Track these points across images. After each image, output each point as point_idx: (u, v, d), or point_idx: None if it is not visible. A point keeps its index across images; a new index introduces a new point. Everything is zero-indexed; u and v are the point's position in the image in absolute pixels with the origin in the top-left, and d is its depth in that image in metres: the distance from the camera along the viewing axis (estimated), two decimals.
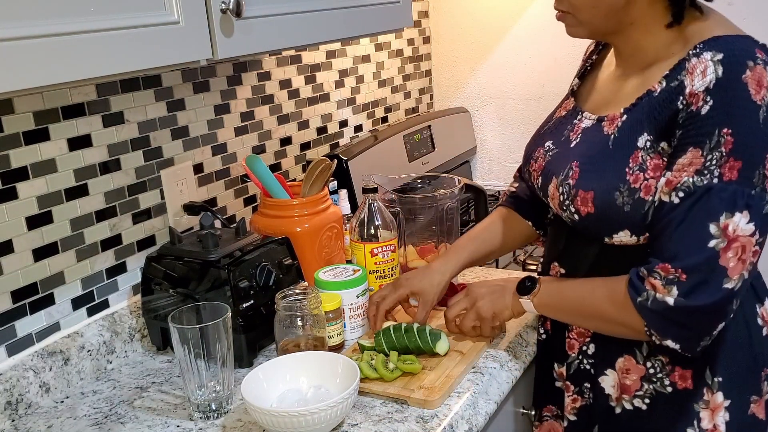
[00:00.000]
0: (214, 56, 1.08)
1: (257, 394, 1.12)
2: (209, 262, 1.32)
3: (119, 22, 0.93)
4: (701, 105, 0.98)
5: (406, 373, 1.22)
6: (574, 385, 1.24)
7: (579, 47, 2.32)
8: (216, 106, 1.61)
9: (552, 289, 1.18)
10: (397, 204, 1.57)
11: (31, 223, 1.25)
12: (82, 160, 1.33)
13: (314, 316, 1.27)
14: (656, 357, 1.12)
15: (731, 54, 0.98)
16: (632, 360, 1.14)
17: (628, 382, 1.15)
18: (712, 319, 1.01)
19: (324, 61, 1.95)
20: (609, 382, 1.18)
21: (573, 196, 1.10)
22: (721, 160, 0.97)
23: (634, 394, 1.15)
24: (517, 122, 2.40)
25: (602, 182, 1.07)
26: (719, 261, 0.97)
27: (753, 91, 0.97)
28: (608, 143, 1.09)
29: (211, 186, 1.62)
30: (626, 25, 1.09)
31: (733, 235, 0.97)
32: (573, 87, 1.28)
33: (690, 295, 0.98)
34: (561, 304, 1.17)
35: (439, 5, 2.41)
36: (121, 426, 1.18)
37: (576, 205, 1.10)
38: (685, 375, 1.10)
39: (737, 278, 0.98)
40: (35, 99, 1.24)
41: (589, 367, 1.20)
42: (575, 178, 1.11)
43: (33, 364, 1.23)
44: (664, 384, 1.12)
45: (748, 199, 0.97)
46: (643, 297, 1.02)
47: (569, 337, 1.23)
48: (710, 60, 0.99)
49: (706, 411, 1.11)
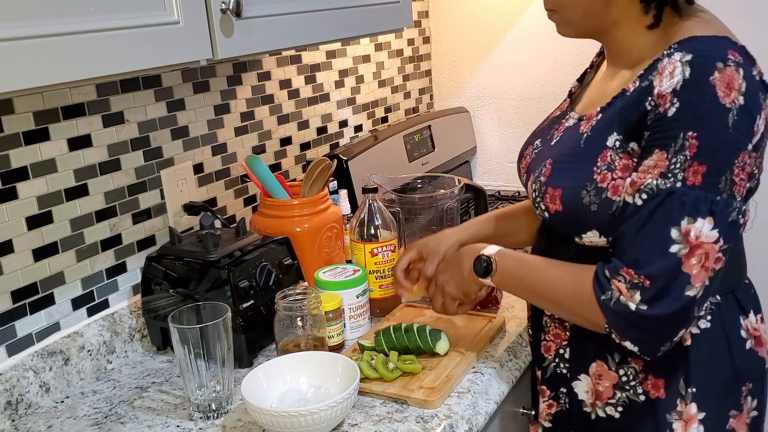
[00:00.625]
0: (214, 56, 1.08)
1: (257, 394, 1.12)
2: (209, 262, 1.32)
3: (119, 22, 0.93)
4: (668, 107, 0.96)
5: (406, 373, 1.22)
6: (550, 390, 1.22)
7: (579, 47, 2.32)
8: (216, 106, 1.61)
9: (510, 271, 1.16)
10: (397, 204, 1.58)
11: (31, 223, 1.25)
12: (82, 160, 1.33)
13: (314, 316, 1.27)
14: (629, 364, 1.09)
15: (700, 55, 0.96)
16: (604, 366, 1.12)
17: (600, 388, 1.13)
18: (673, 327, 1.00)
19: (324, 61, 1.95)
20: (583, 387, 1.16)
21: (543, 194, 1.10)
22: (685, 163, 0.95)
23: (607, 402, 1.12)
24: (517, 122, 2.40)
25: (570, 181, 1.07)
26: (682, 268, 0.96)
27: (722, 93, 0.94)
28: (581, 142, 1.08)
29: (211, 186, 1.62)
30: (608, 25, 1.08)
31: (695, 241, 0.95)
32: (571, 89, 1.28)
33: (652, 303, 0.97)
34: (520, 285, 1.16)
35: (439, 5, 2.41)
36: (121, 426, 1.18)
37: (545, 203, 1.10)
38: (658, 384, 1.08)
39: (699, 286, 0.96)
40: (35, 99, 1.24)
41: (566, 371, 1.18)
42: (546, 175, 1.11)
43: (33, 364, 1.23)
44: (636, 392, 1.10)
45: (712, 205, 0.95)
46: (607, 296, 1.01)
47: (545, 339, 1.21)
48: (678, 61, 0.96)
49: (679, 422, 1.08)
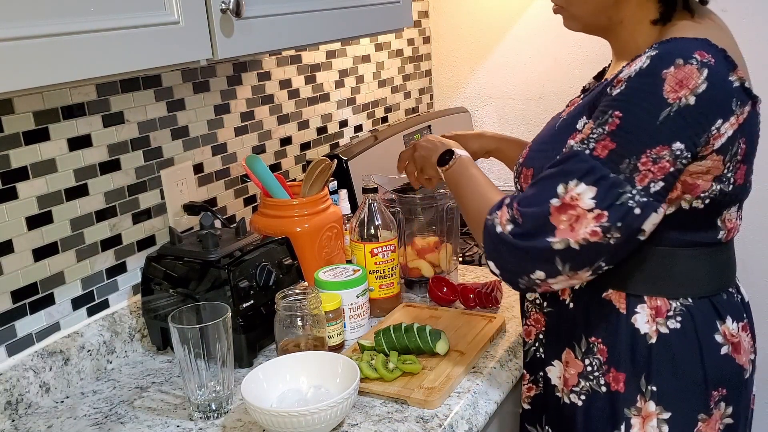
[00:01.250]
0: (214, 56, 1.08)
1: (257, 394, 1.12)
2: (209, 262, 1.32)
3: (119, 22, 0.93)
4: (616, 88, 1.00)
5: (406, 373, 1.22)
6: (530, 374, 1.25)
7: (579, 47, 2.31)
8: (216, 106, 1.61)
9: (459, 173, 1.24)
10: (397, 204, 1.58)
11: (31, 223, 1.25)
12: (82, 160, 1.33)
13: (314, 316, 1.27)
14: (594, 355, 1.11)
15: (665, 51, 0.98)
16: (572, 354, 1.14)
17: (567, 375, 1.15)
18: (526, 261, 1.04)
19: (324, 61, 1.95)
20: (555, 372, 1.18)
21: (519, 173, 1.17)
22: (600, 137, 0.99)
23: (572, 389, 1.15)
24: (517, 122, 2.39)
25: (541, 161, 1.10)
26: (550, 218, 1.01)
27: (668, 87, 0.95)
28: (556, 125, 1.14)
29: (211, 186, 1.62)
30: (616, 23, 1.10)
31: (570, 201, 0.99)
32: (586, 86, 1.29)
33: (516, 236, 1.04)
34: (457, 188, 1.24)
35: (439, 5, 2.41)
36: (121, 426, 1.18)
37: (520, 182, 1.16)
38: (618, 377, 1.09)
39: (560, 240, 1.00)
40: (35, 99, 1.24)
41: (541, 355, 1.21)
42: (523, 157, 1.17)
43: (33, 364, 1.23)
44: (599, 383, 1.11)
45: (602, 179, 0.98)
46: (490, 218, 1.08)
47: (526, 324, 1.24)
48: (646, 55, 0.99)
49: (637, 418, 1.09)
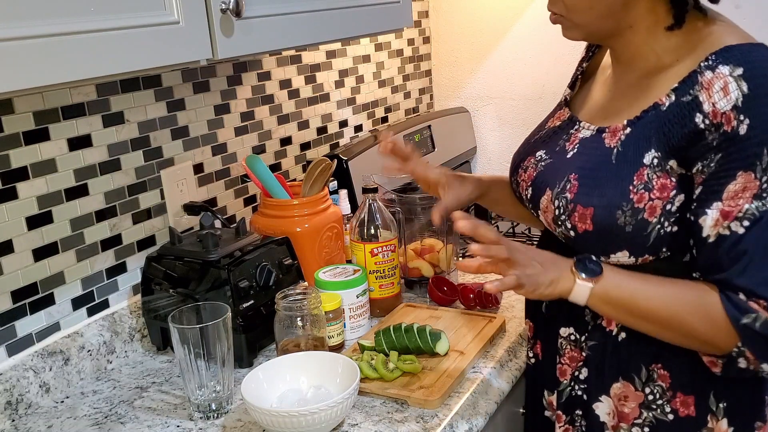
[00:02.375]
0: (214, 56, 1.08)
1: (257, 394, 1.12)
2: (209, 262, 1.32)
3: (119, 22, 0.93)
4: (736, 125, 0.91)
5: (406, 373, 1.22)
6: (566, 414, 1.16)
7: (579, 47, 2.32)
8: (216, 106, 1.61)
9: (619, 282, 1.01)
10: (397, 204, 1.58)
11: (31, 223, 1.25)
12: (82, 160, 1.33)
13: (314, 316, 1.27)
14: (655, 382, 1.06)
15: (752, 67, 0.92)
16: (630, 386, 1.08)
17: (626, 410, 1.09)
18: None
19: (324, 61, 1.95)
20: (604, 409, 1.11)
21: (570, 212, 1.04)
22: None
23: (633, 422, 1.08)
24: (517, 122, 2.40)
25: (603, 199, 1.01)
26: None
27: None
28: (611, 157, 1.02)
29: (211, 186, 1.62)
30: (624, 28, 1.03)
31: None
32: (566, 96, 1.21)
33: None
34: (628, 302, 1.02)
35: (439, 5, 2.41)
36: (121, 426, 1.18)
37: (573, 221, 1.04)
38: (687, 401, 1.05)
39: None
40: (35, 99, 1.24)
41: (581, 393, 1.13)
42: (573, 192, 1.04)
43: (33, 364, 1.23)
44: (665, 411, 1.06)
45: None
46: (750, 319, 0.94)
47: (560, 362, 1.15)
48: (729, 75, 0.92)
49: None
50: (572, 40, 1.10)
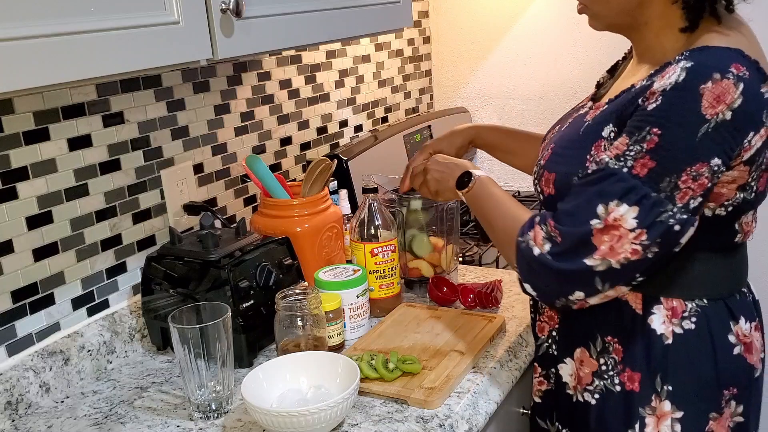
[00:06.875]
0: (214, 56, 1.08)
1: (257, 394, 1.12)
2: (209, 262, 1.32)
3: (119, 22, 0.93)
4: (650, 102, 0.98)
5: (406, 373, 1.22)
6: (542, 368, 1.26)
7: (579, 47, 2.31)
8: (216, 106, 1.61)
9: (480, 195, 1.23)
10: (397, 204, 1.57)
11: (31, 223, 1.25)
12: (82, 160, 1.33)
13: (314, 316, 1.27)
14: (609, 354, 1.13)
15: (700, 63, 0.96)
16: (586, 353, 1.15)
17: (581, 374, 1.16)
18: (566, 284, 1.05)
19: (324, 61, 1.95)
20: (567, 370, 1.19)
21: (540, 176, 1.16)
22: (638, 154, 0.98)
23: (585, 388, 1.16)
24: (517, 122, 2.40)
25: (564, 166, 1.10)
26: (592, 239, 1.01)
27: (706, 103, 0.94)
28: (580, 130, 1.11)
29: (211, 186, 1.62)
30: (641, 23, 1.09)
31: (612, 222, 0.99)
32: (600, 80, 1.29)
33: (555, 256, 1.04)
34: (480, 210, 1.23)
35: (439, 5, 2.41)
36: (121, 426, 1.18)
37: (541, 185, 1.15)
38: (634, 377, 1.10)
39: (600, 260, 1.01)
40: (35, 99, 1.24)
41: (554, 352, 1.22)
42: (545, 159, 1.15)
43: (33, 364, 1.23)
44: (613, 382, 1.12)
45: (643, 198, 0.98)
46: (523, 239, 1.08)
47: (539, 320, 1.25)
48: (680, 66, 0.97)
49: (651, 417, 1.10)
50: (596, 30, 1.17)
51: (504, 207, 1.18)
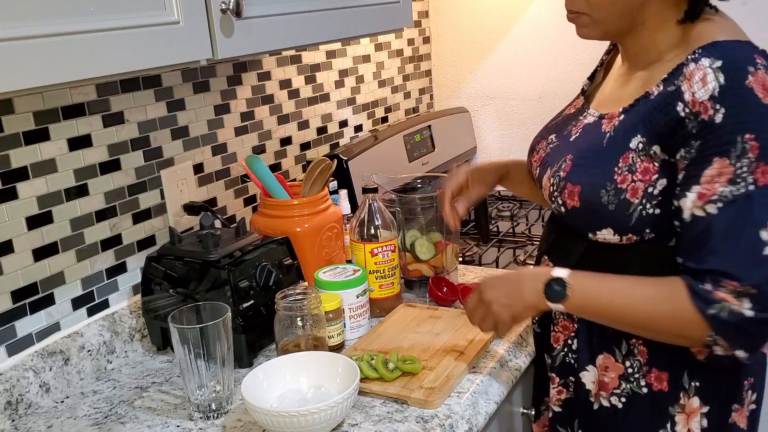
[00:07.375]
0: (214, 56, 1.08)
1: (257, 394, 1.12)
2: (209, 262, 1.32)
3: (119, 22, 0.93)
4: (712, 114, 0.96)
5: (406, 373, 1.22)
6: (559, 377, 1.25)
7: (579, 47, 2.31)
8: (216, 106, 1.61)
9: (588, 293, 1.09)
10: (397, 204, 1.58)
11: (31, 223, 1.25)
12: (82, 160, 1.33)
13: (314, 316, 1.27)
14: (635, 357, 1.13)
15: (730, 60, 0.97)
16: (611, 358, 1.15)
17: (606, 379, 1.16)
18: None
19: (324, 61, 1.95)
20: (589, 377, 1.18)
21: (561, 189, 1.12)
22: (751, 166, 0.95)
23: (612, 392, 1.15)
24: (517, 122, 2.40)
25: (590, 178, 1.09)
26: None
27: (761, 95, 0.96)
28: (603, 141, 1.10)
29: (211, 186, 1.62)
30: (638, 24, 1.09)
31: None
32: (583, 87, 1.29)
33: (763, 308, 0.96)
34: (602, 313, 1.10)
35: (439, 5, 2.41)
36: (121, 426, 1.18)
37: (563, 198, 1.12)
38: (661, 377, 1.11)
39: None
40: (35, 99, 1.24)
41: (572, 361, 1.21)
42: (566, 170, 1.12)
43: (33, 364, 1.23)
44: (640, 384, 1.13)
45: None
46: (716, 309, 0.98)
47: (554, 330, 1.24)
48: (709, 67, 0.97)
49: (681, 415, 1.11)
50: (586, 39, 1.16)
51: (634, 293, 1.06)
